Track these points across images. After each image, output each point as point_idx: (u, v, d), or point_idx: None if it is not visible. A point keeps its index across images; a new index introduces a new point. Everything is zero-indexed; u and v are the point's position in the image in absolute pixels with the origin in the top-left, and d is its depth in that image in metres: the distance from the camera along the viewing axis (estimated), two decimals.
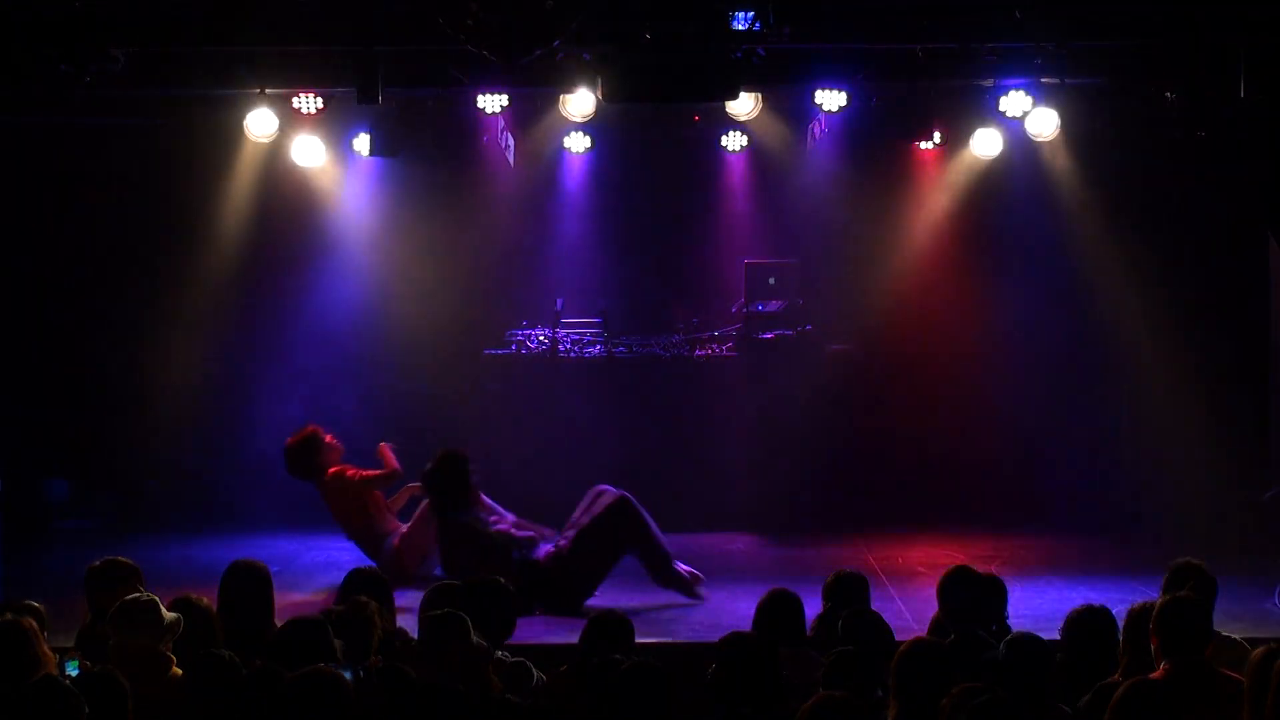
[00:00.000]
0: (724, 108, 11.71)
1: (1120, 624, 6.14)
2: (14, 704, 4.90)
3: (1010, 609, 6.91)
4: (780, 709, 5.58)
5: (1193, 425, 12.36)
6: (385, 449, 10.53)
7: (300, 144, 12.20)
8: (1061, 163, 12.63)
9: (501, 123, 12.34)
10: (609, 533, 9.49)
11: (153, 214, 12.80)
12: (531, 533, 9.80)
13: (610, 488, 9.69)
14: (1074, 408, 12.81)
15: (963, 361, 12.83)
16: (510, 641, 7.05)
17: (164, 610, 5.95)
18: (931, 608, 6.93)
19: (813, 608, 6.95)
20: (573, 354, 12.30)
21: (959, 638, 6.20)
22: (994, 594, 6.82)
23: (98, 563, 6.90)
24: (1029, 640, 5.71)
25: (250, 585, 6.84)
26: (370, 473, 10.43)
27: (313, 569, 10.75)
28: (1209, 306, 12.49)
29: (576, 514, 9.69)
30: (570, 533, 9.59)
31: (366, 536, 10.33)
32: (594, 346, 12.41)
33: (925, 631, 6.85)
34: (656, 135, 13.01)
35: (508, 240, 13.04)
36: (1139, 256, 12.68)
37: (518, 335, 12.42)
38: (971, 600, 6.64)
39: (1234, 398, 12.20)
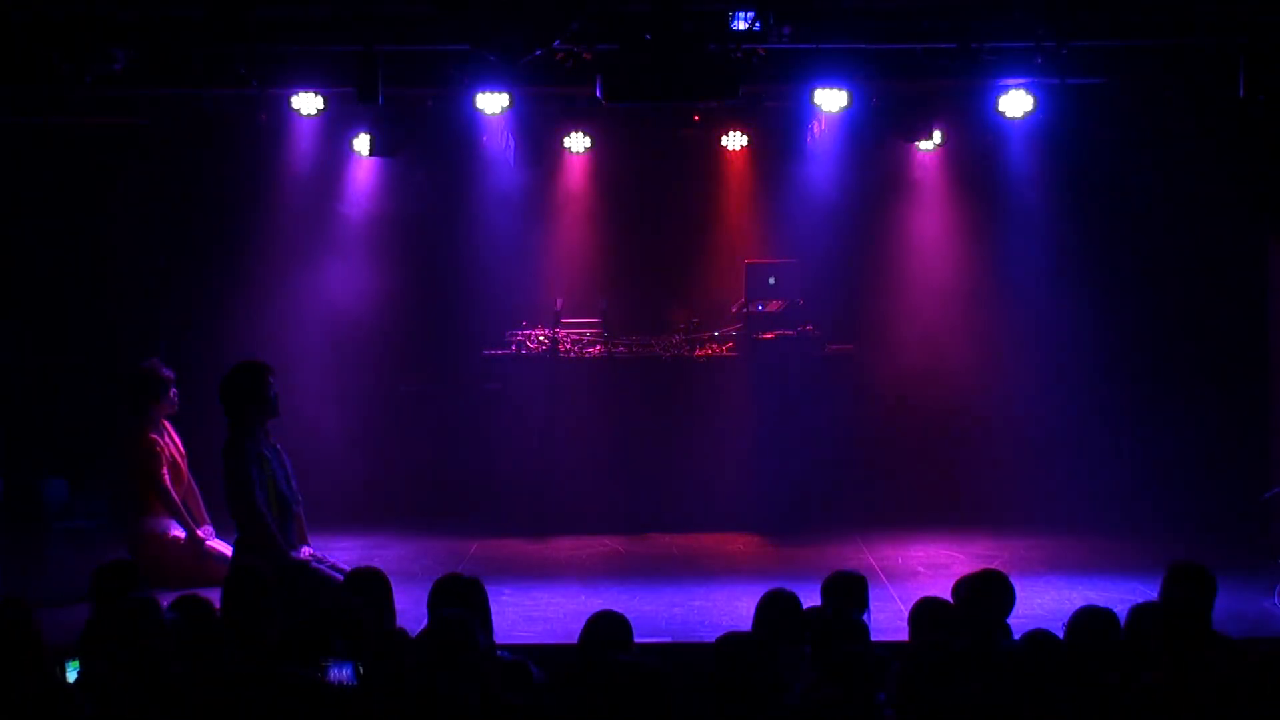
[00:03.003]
0: (722, 114, 11.75)
1: (1122, 624, 6.13)
2: (14, 704, 4.90)
3: (1012, 609, 6.90)
4: (778, 709, 5.58)
5: (1193, 425, 12.37)
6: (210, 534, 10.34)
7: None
8: (1061, 162, 12.65)
9: (501, 123, 12.34)
10: None
11: (152, 214, 12.79)
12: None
13: None
14: (1074, 407, 12.81)
15: (962, 360, 12.83)
16: (510, 642, 7.05)
17: (165, 611, 5.95)
18: None
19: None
20: (573, 354, 12.31)
21: (972, 641, 6.20)
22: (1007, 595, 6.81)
23: (108, 563, 6.90)
24: (1045, 638, 5.72)
25: (252, 586, 6.83)
26: (163, 477, 10.16)
27: None
28: (1209, 306, 12.49)
29: None
30: None
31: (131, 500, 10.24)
32: (594, 346, 12.41)
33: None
34: (656, 135, 13.03)
35: (508, 240, 13.04)
36: (1138, 256, 12.70)
37: (518, 335, 12.42)
38: (993, 603, 6.62)
39: (1234, 398, 12.20)
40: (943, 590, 6.99)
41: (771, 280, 12.12)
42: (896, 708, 5.52)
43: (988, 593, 6.57)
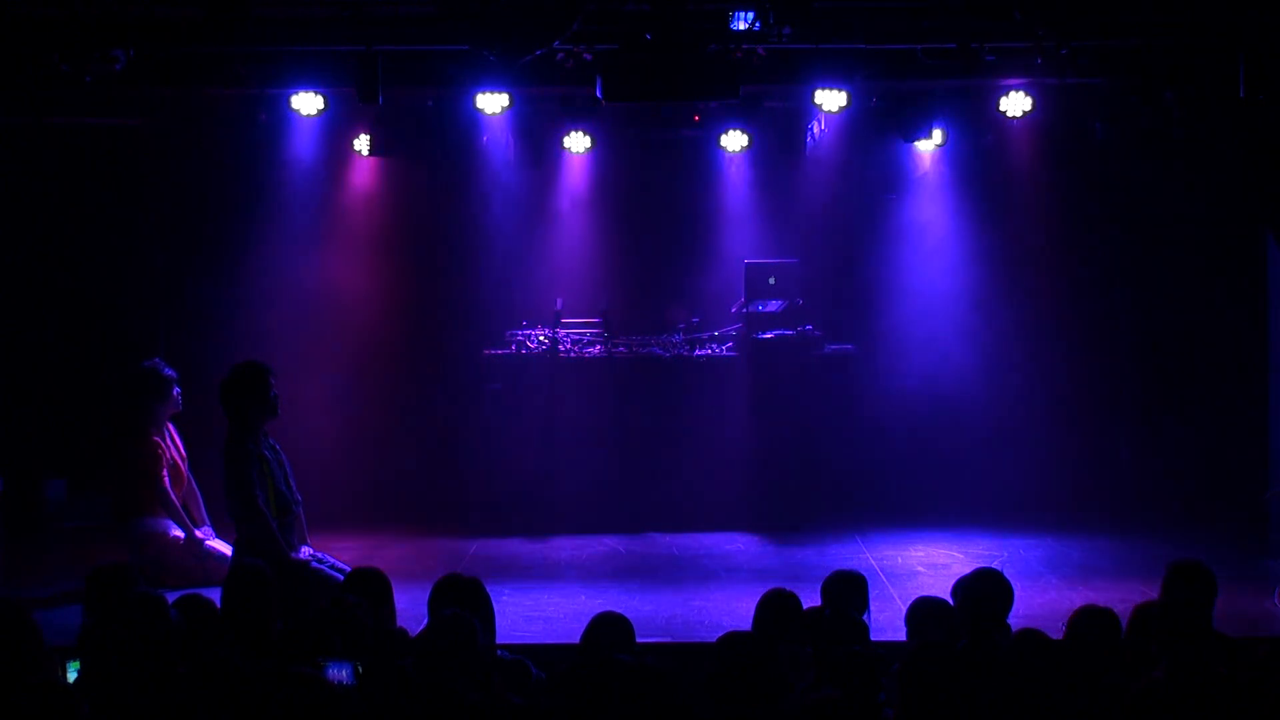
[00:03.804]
0: (722, 114, 11.73)
1: (1123, 624, 6.14)
2: (14, 704, 4.90)
3: (1011, 609, 6.90)
4: (778, 709, 5.58)
5: (1192, 424, 12.38)
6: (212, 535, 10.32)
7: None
8: (1060, 163, 12.65)
9: (501, 123, 12.34)
10: None
11: (151, 213, 12.80)
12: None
13: None
14: (1074, 407, 12.82)
15: (962, 360, 12.83)
16: (510, 641, 7.05)
17: (168, 610, 5.95)
18: None
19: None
20: (573, 354, 12.30)
21: (972, 641, 6.20)
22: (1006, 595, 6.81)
23: (103, 565, 6.90)
24: (1036, 638, 5.72)
25: (253, 586, 6.84)
26: (163, 478, 10.07)
27: None
28: (1208, 306, 12.50)
29: None
30: None
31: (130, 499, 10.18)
32: (594, 346, 12.41)
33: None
34: (656, 135, 13.02)
35: (508, 240, 13.05)
36: (1138, 256, 12.71)
37: (518, 335, 12.42)
38: (992, 603, 6.62)
39: (1233, 397, 12.20)
40: (943, 590, 7.00)
41: (771, 280, 12.11)
42: (896, 708, 5.53)
43: (986, 593, 6.57)
